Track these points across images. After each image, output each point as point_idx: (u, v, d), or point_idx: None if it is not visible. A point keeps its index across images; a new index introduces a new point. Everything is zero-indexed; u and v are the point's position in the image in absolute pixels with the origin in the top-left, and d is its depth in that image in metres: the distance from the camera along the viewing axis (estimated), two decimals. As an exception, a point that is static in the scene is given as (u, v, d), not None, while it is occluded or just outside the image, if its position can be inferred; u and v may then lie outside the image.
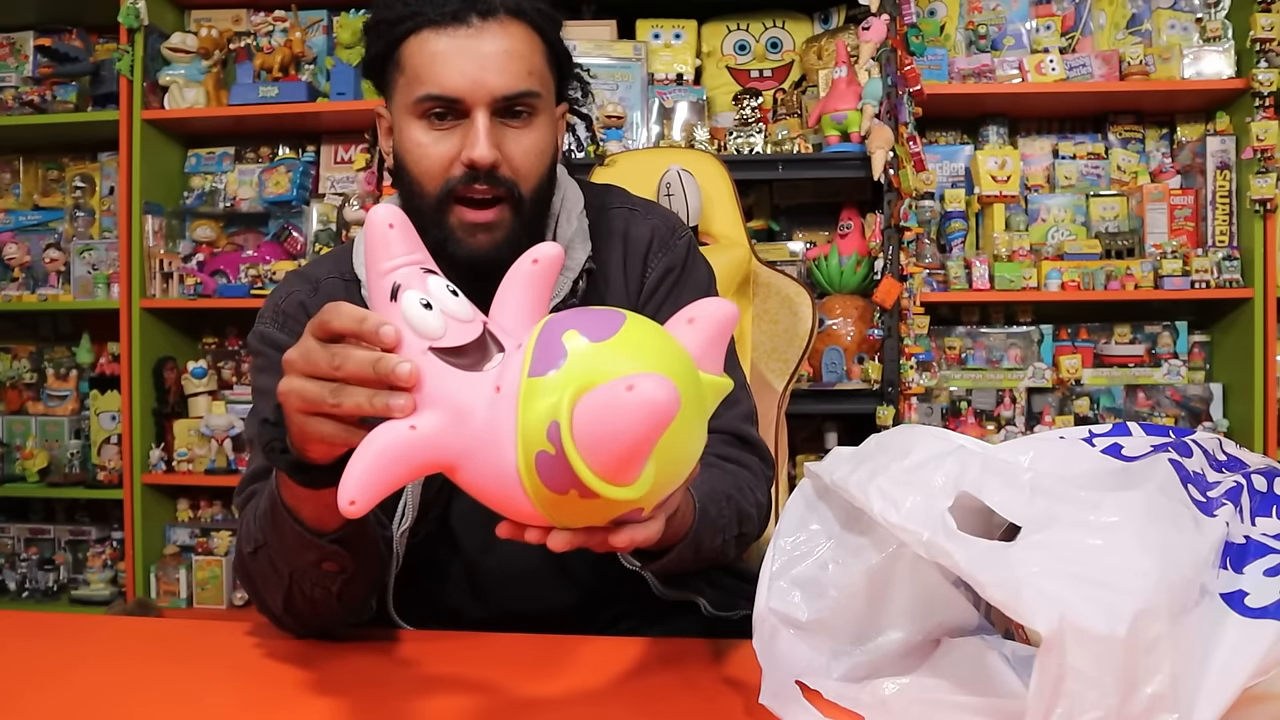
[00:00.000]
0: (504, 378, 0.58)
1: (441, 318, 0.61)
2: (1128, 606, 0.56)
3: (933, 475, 0.67)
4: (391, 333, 0.62)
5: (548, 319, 0.59)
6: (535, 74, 0.95)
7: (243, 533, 0.90)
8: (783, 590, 0.71)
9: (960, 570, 0.60)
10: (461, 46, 0.92)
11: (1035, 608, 0.56)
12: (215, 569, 2.84)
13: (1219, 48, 2.53)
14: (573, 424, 0.53)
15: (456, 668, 0.82)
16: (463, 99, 0.92)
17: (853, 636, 0.71)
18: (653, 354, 0.56)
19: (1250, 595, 0.61)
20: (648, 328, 0.58)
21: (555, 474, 0.55)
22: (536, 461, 0.55)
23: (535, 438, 0.55)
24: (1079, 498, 0.64)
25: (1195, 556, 0.62)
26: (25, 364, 3.10)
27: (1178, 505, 0.64)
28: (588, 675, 0.80)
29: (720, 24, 2.66)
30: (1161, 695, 0.57)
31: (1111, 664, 0.56)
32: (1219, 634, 0.60)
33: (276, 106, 2.72)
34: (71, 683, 0.79)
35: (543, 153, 0.98)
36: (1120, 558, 0.59)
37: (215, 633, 0.98)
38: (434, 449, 0.59)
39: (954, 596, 0.71)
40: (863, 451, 0.73)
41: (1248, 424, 2.50)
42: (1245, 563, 0.63)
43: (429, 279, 0.63)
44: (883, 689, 0.69)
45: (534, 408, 0.55)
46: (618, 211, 1.09)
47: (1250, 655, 0.59)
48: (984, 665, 0.67)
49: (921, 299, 2.44)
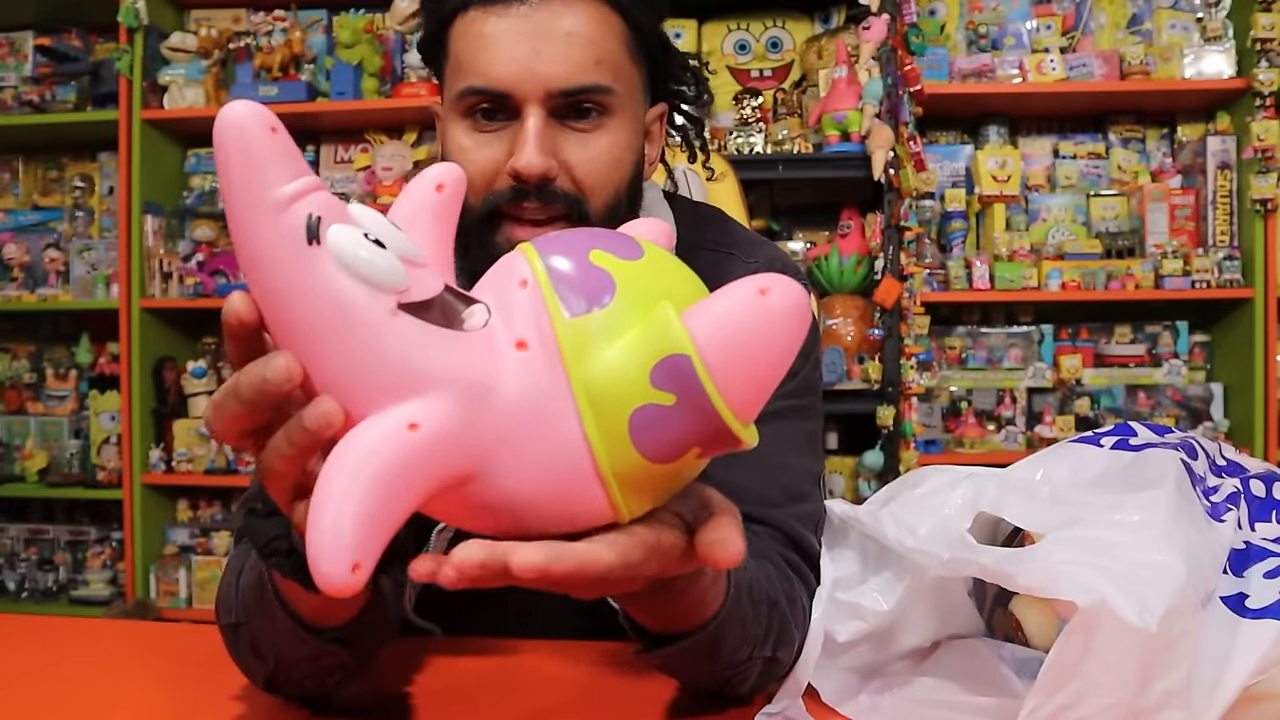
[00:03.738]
0: (520, 328, 0.42)
1: (397, 262, 0.41)
2: (1159, 601, 0.56)
3: (947, 499, 0.67)
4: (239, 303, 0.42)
5: (535, 245, 0.45)
6: (607, 64, 0.76)
7: (221, 594, 0.71)
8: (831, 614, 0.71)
9: (987, 572, 0.60)
10: (514, 28, 0.74)
11: (1074, 587, 0.56)
12: (215, 569, 2.83)
13: (1219, 47, 2.53)
14: (704, 353, 0.40)
15: (457, 671, 0.82)
16: (511, 93, 0.75)
17: (869, 649, 0.72)
18: (681, 278, 0.45)
19: (1251, 597, 0.61)
20: (661, 250, 0.47)
21: (672, 432, 0.41)
22: (632, 425, 0.41)
23: (628, 391, 0.41)
24: (1102, 501, 0.64)
25: (1212, 557, 0.62)
26: (25, 364, 3.10)
27: (1194, 505, 0.64)
28: (588, 677, 0.80)
29: (720, 24, 2.66)
30: (1175, 692, 0.57)
31: (1135, 655, 0.56)
32: (1221, 635, 0.60)
33: (276, 106, 2.68)
34: (69, 684, 0.79)
35: (617, 162, 0.78)
36: (1149, 553, 0.59)
37: (214, 633, 0.97)
38: (455, 450, 0.41)
39: (965, 606, 0.71)
40: (874, 499, 0.74)
41: (1248, 424, 2.50)
42: (1246, 567, 0.64)
43: (351, 208, 0.43)
44: (883, 690, 0.69)
45: (601, 356, 0.41)
46: (710, 255, 0.88)
47: (1251, 655, 0.59)
48: (983, 666, 0.67)
49: (922, 299, 2.44)
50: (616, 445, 0.41)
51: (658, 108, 0.87)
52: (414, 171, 2.79)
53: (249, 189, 0.41)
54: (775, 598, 0.70)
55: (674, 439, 0.41)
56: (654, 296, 0.42)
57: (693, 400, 0.40)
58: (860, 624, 0.70)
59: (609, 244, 0.44)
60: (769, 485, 0.79)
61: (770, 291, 0.40)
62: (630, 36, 0.79)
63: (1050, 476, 0.68)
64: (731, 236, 0.91)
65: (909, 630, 0.71)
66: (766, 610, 0.68)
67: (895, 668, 0.71)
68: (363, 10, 2.81)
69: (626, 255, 0.43)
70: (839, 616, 0.70)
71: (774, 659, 0.69)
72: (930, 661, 0.70)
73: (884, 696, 0.68)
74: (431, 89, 2.61)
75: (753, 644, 0.66)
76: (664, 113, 0.88)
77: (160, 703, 0.75)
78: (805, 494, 0.82)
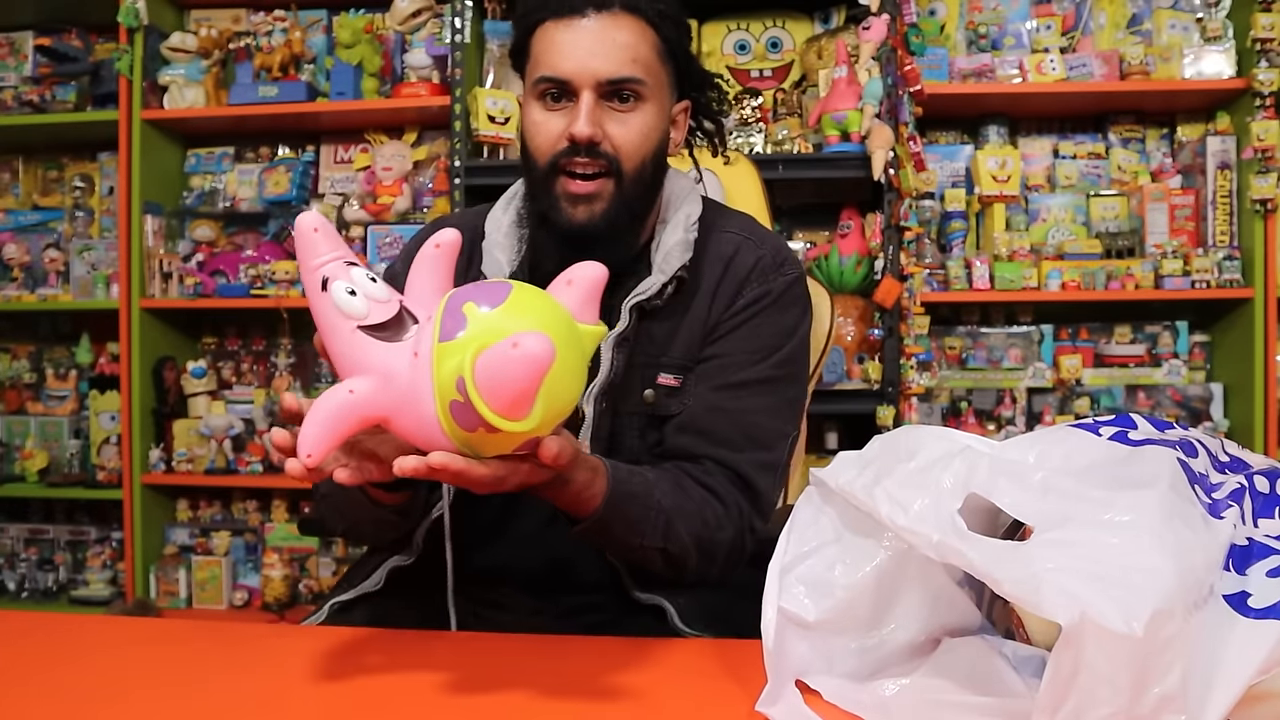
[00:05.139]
0: (420, 345, 0.71)
1: (365, 301, 0.73)
2: (1145, 606, 0.56)
3: (940, 477, 0.66)
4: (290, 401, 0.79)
5: (451, 294, 0.73)
6: (640, 63, 1.04)
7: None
8: (791, 590, 0.71)
9: (974, 569, 0.60)
10: (576, 36, 1.03)
11: (1055, 603, 0.56)
12: (215, 569, 2.84)
13: (1219, 47, 2.53)
14: (474, 377, 0.66)
15: (455, 668, 0.82)
16: (571, 80, 1.03)
17: (856, 637, 0.71)
18: (535, 315, 0.70)
19: (1253, 596, 0.61)
20: (531, 293, 0.72)
21: (465, 417, 0.69)
22: (450, 408, 0.69)
23: (448, 390, 0.68)
24: (1092, 497, 0.63)
25: (1207, 557, 0.62)
26: (25, 364, 3.10)
27: (1188, 505, 0.64)
28: (587, 676, 0.80)
29: (720, 24, 2.66)
30: (1171, 696, 0.57)
31: (1126, 662, 0.56)
32: (1223, 635, 0.60)
33: (276, 106, 2.72)
34: (69, 682, 0.79)
35: (646, 136, 1.06)
36: (1136, 557, 0.59)
37: (215, 633, 0.98)
38: (369, 407, 0.72)
39: (958, 597, 0.71)
40: (867, 455, 0.73)
41: (1248, 424, 2.50)
42: (1248, 564, 0.63)
43: (351, 270, 0.75)
44: (883, 689, 0.69)
45: (445, 366, 0.68)
46: (729, 236, 1.14)
47: (1253, 655, 0.58)
48: (984, 665, 0.67)
49: (922, 299, 2.44)
50: (446, 417, 0.70)
51: (682, 103, 1.14)
52: (414, 171, 2.80)
53: (304, 260, 0.76)
54: (670, 506, 0.97)
55: (467, 420, 0.69)
56: (491, 335, 0.67)
57: (468, 401, 0.67)
58: (830, 601, 0.70)
59: (479, 297, 0.71)
60: (735, 433, 1.06)
61: (519, 345, 0.65)
62: (661, 45, 1.07)
63: (1044, 460, 0.67)
64: (751, 228, 1.17)
65: (901, 625, 0.71)
66: (655, 513, 0.96)
67: (895, 665, 0.71)
68: (363, 10, 2.81)
69: (487, 305, 0.70)
70: (809, 592, 0.71)
71: (666, 551, 0.98)
72: (931, 659, 0.70)
73: (885, 694, 0.68)
74: (431, 89, 2.63)
75: (641, 536, 0.96)
76: (687, 107, 1.15)
77: (161, 700, 0.76)
78: (768, 445, 1.08)
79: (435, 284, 0.76)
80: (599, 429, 1.05)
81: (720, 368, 1.08)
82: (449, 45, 2.51)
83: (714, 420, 1.06)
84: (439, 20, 2.65)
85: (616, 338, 1.05)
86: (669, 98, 1.10)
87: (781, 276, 1.12)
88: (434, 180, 2.80)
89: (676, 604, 1.03)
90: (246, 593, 2.85)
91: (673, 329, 1.09)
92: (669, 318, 1.09)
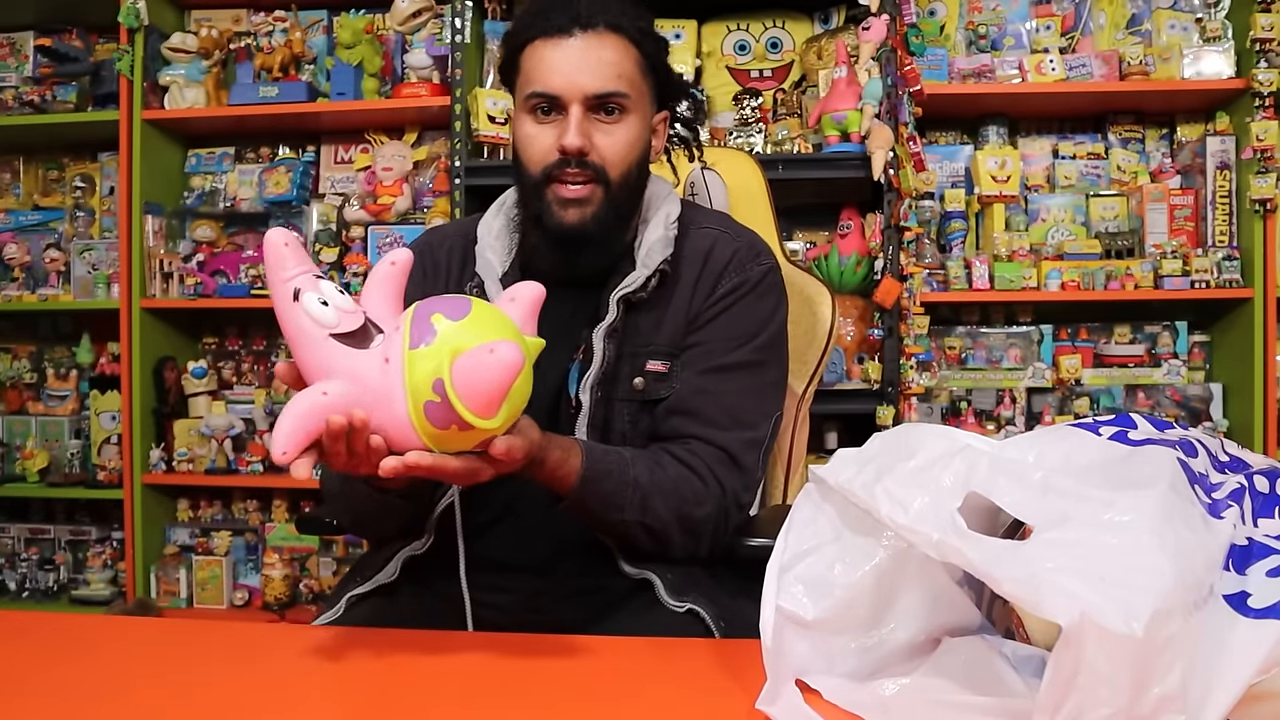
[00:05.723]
0: (390, 351, 0.77)
1: (335, 311, 0.78)
2: (1145, 606, 0.56)
3: (940, 476, 0.66)
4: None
5: (415, 306, 0.79)
6: (625, 78, 1.11)
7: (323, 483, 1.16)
8: (790, 589, 0.71)
9: (974, 568, 0.60)
10: (564, 54, 1.09)
11: (1055, 603, 0.56)
12: (215, 569, 2.84)
13: (1219, 48, 2.53)
14: (453, 379, 0.73)
15: (456, 667, 0.82)
16: (560, 95, 1.09)
17: (856, 636, 0.71)
18: (495, 326, 0.78)
19: (1253, 596, 0.61)
20: (488, 308, 0.80)
21: (439, 416, 0.75)
22: (424, 409, 0.75)
23: (421, 391, 0.75)
24: (1092, 496, 0.63)
25: (1206, 557, 0.62)
26: (25, 364, 3.10)
27: (1188, 505, 0.64)
28: (586, 675, 0.80)
29: (720, 24, 2.66)
30: (1170, 696, 0.57)
31: (1126, 662, 0.56)
32: (1223, 635, 0.60)
33: (276, 106, 2.72)
34: (70, 682, 0.79)
35: (630, 146, 1.12)
36: (1136, 557, 0.59)
37: (215, 632, 0.98)
38: (340, 408, 0.77)
39: (958, 597, 0.71)
40: (866, 453, 0.73)
41: (1248, 424, 2.50)
42: (1248, 564, 0.63)
43: (320, 282, 0.79)
44: (883, 689, 0.69)
45: (418, 370, 0.75)
46: (706, 231, 1.20)
47: (1253, 656, 0.58)
48: (984, 665, 0.67)
49: (921, 299, 2.45)
50: (418, 417, 0.76)
51: (661, 113, 1.21)
52: (414, 171, 2.80)
53: (274, 273, 0.80)
54: (647, 483, 1.04)
55: (440, 418, 0.76)
56: (464, 342, 0.74)
57: (446, 401, 0.74)
58: (829, 600, 0.70)
59: (445, 309, 0.77)
60: (720, 414, 1.12)
61: (495, 351, 0.73)
62: (642, 61, 1.13)
63: (1044, 460, 0.67)
64: (727, 225, 1.23)
65: (901, 625, 0.71)
66: (630, 489, 1.03)
67: (895, 665, 0.71)
68: (363, 10, 2.81)
69: (453, 317, 0.77)
70: (808, 591, 0.71)
71: (646, 525, 1.05)
72: (931, 659, 0.70)
73: (884, 694, 0.68)
74: (431, 89, 2.63)
75: (620, 510, 1.04)
76: (666, 118, 1.22)
77: (161, 700, 0.76)
78: (752, 425, 1.14)
79: (390, 296, 0.83)
80: (594, 417, 1.12)
81: (704, 353, 1.14)
82: (449, 45, 2.51)
83: (700, 402, 1.13)
84: (439, 20, 2.65)
85: (606, 329, 1.12)
86: (650, 109, 1.17)
87: (757, 266, 1.18)
88: (434, 180, 2.80)
89: (665, 579, 1.07)
90: (247, 592, 2.85)
91: (658, 319, 1.15)
92: (654, 309, 1.15)
